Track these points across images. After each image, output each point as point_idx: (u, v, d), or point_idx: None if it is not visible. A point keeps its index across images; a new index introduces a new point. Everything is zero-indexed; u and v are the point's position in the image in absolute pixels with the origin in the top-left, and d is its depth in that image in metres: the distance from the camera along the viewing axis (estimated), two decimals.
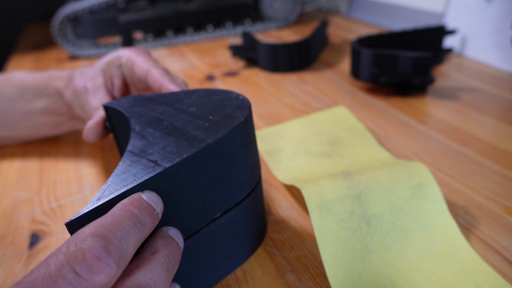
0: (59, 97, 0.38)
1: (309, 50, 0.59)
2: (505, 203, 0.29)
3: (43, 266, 0.15)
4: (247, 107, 0.24)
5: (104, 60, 0.38)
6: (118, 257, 0.16)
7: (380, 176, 0.27)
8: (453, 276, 0.23)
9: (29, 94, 0.39)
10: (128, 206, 0.18)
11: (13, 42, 1.10)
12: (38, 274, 0.15)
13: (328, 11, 0.95)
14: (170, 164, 0.20)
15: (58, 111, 0.40)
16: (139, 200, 0.18)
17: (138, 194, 0.19)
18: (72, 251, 0.15)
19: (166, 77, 0.33)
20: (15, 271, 0.27)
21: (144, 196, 0.19)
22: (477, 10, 0.55)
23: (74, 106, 0.37)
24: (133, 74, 0.36)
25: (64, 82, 0.38)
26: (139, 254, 0.18)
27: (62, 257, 0.15)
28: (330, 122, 0.40)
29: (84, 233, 0.16)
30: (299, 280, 0.25)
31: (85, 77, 0.36)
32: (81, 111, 0.37)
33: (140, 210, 0.18)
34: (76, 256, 0.15)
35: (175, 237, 0.20)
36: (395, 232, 0.26)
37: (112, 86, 0.37)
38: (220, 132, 0.22)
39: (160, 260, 0.18)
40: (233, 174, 0.23)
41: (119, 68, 0.37)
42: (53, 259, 0.15)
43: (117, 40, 0.80)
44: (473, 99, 0.45)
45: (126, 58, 0.36)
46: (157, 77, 0.33)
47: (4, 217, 0.33)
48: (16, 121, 0.41)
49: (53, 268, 0.15)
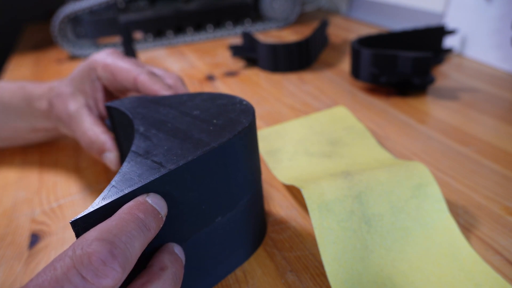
0: (44, 117, 0.37)
1: (309, 50, 0.59)
2: (505, 203, 0.29)
3: (50, 269, 0.15)
4: (251, 112, 0.24)
5: (77, 76, 0.35)
6: (124, 261, 0.16)
7: (380, 176, 0.27)
8: (453, 276, 0.23)
9: (12, 113, 0.38)
10: (134, 210, 0.18)
11: (13, 42, 1.10)
12: (44, 277, 0.15)
13: (328, 11, 0.95)
14: (175, 166, 0.20)
15: (46, 129, 0.38)
16: (144, 204, 0.18)
17: (143, 197, 0.19)
18: (78, 255, 0.15)
19: (157, 83, 0.31)
20: (15, 271, 0.27)
21: (149, 199, 0.19)
22: (477, 10, 0.55)
23: (63, 129, 0.36)
24: (117, 82, 0.33)
25: (44, 104, 0.36)
26: (148, 269, 0.19)
27: (68, 260, 0.15)
28: (330, 122, 0.40)
29: (90, 237, 0.16)
30: (299, 280, 0.25)
31: (64, 101, 0.34)
32: (73, 135, 0.35)
33: (145, 214, 0.18)
34: (82, 260, 0.15)
35: (179, 254, 0.20)
36: (395, 232, 0.26)
37: (95, 101, 0.35)
38: (224, 136, 0.22)
39: (169, 277, 0.18)
40: (236, 177, 0.23)
41: (98, 81, 0.34)
42: (59, 263, 0.15)
43: (117, 40, 0.80)
44: (473, 99, 0.45)
45: (102, 67, 0.33)
46: (149, 85, 0.31)
47: (4, 217, 0.33)
48: (5, 136, 0.40)
49: (59, 272, 0.15)
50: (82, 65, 0.35)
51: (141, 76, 0.32)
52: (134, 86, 0.32)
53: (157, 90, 0.31)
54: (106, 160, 0.32)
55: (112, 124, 0.32)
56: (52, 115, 0.35)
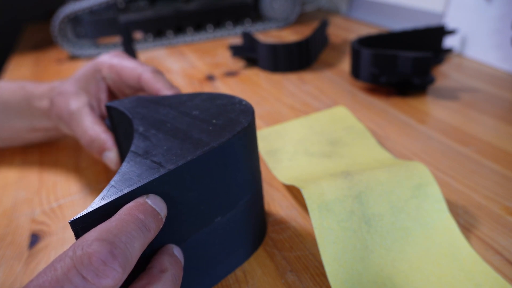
0: (44, 116, 0.37)
1: (309, 50, 0.59)
2: (505, 203, 0.29)
3: (50, 270, 0.15)
4: (250, 112, 0.24)
5: (82, 76, 0.35)
6: (124, 261, 0.16)
7: (380, 176, 0.27)
8: (453, 276, 0.23)
9: (11, 113, 0.37)
10: (133, 211, 0.18)
11: (13, 42, 1.10)
12: (45, 278, 0.15)
13: (328, 11, 0.95)
14: (174, 166, 0.20)
15: (46, 128, 0.38)
16: (144, 205, 0.18)
17: (143, 198, 0.19)
18: (79, 255, 0.15)
19: (160, 81, 0.32)
20: (15, 271, 0.27)
21: (149, 200, 0.19)
22: (477, 10, 0.55)
23: (63, 128, 0.36)
24: (122, 82, 0.34)
25: (45, 103, 0.36)
26: (148, 271, 0.19)
27: (69, 261, 0.15)
28: (330, 122, 0.40)
29: (90, 237, 0.16)
30: (299, 280, 0.25)
31: (66, 100, 0.34)
32: (73, 134, 0.35)
33: (145, 215, 0.18)
34: (82, 260, 0.15)
35: (179, 256, 0.21)
36: (395, 232, 0.26)
37: (98, 102, 0.35)
38: (224, 136, 0.22)
39: (169, 279, 0.19)
40: (235, 177, 0.23)
41: (103, 81, 0.35)
42: (59, 263, 0.15)
43: (117, 40, 0.80)
44: (473, 99, 0.45)
45: (108, 68, 0.34)
46: (152, 83, 0.32)
47: (4, 217, 0.33)
48: (5, 136, 0.39)
49: (60, 272, 0.15)
50: (87, 66, 0.35)
51: (145, 74, 0.32)
52: (139, 84, 0.33)
53: (159, 88, 0.32)
54: (106, 159, 0.32)
55: (111, 124, 0.32)
56: (53, 114, 0.35)
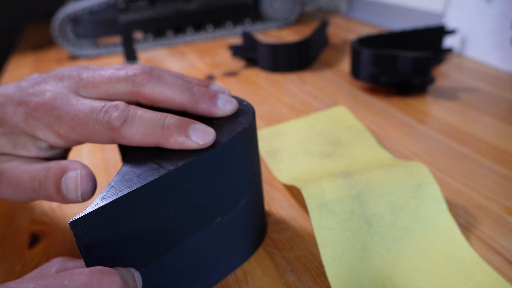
0: None
1: (309, 50, 0.59)
2: (505, 203, 0.29)
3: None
4: (251, 113, 0.24)
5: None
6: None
7: (380, 176, 0.27)
8: (453, 276, 0.23)
9: None
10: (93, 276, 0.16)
11: (13, 42, 1.10)
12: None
13: (328, 11, 0.95)
14: (174, 167, 0.20)
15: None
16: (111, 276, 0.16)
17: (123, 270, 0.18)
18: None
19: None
20: (15, 271, 0.27)
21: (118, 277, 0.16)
22: (477, 10, 0.55)
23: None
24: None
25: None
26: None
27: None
28: (330, 122, 0.40)
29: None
30: (299, 280, 0.25)
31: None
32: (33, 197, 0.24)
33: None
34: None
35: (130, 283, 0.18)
36: (395, 232, 0.26)
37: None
38: (224, 137, 0.22)
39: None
40: (236, 178, 0.23)
41: None
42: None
43: (117, 40, 0.80)
44: (473, 99, 0.45)
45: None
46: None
47: (4, 217, 0.33)
48: None
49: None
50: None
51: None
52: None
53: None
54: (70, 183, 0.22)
55: None
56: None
